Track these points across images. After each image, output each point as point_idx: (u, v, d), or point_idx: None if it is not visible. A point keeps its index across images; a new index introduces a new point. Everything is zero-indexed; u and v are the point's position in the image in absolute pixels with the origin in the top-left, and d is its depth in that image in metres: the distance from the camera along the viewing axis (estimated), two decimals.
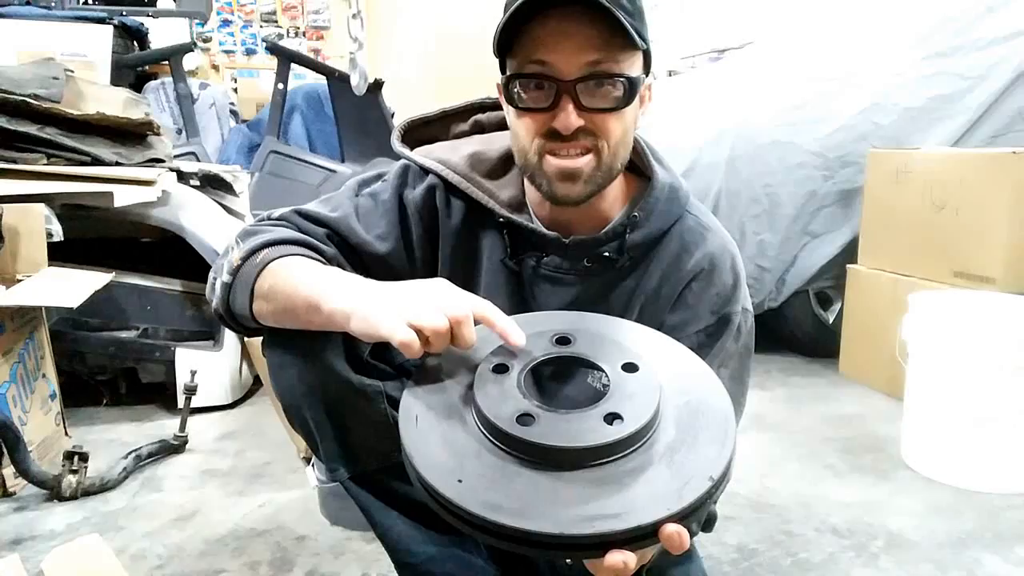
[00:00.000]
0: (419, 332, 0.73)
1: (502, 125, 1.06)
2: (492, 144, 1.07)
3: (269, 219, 1.01)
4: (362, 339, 0.79)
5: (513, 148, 0.98)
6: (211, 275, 0.98)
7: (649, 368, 0.76)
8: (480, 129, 1.12)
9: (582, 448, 0.67)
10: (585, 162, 0.90)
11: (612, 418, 0.70)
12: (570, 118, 0.87)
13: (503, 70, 0.93)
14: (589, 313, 0.89)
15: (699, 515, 0.66)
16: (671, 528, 0.63)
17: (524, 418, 0.70)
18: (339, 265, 0.97)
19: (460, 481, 0.67)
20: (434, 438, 0.71)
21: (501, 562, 1.06)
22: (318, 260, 0.93)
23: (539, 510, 0.64)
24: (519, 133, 0.93)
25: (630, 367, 0.76)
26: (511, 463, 0.68)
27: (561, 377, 0.79)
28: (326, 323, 0.82)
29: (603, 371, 0.76)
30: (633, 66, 0.90)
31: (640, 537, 0.63)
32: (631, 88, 0.89)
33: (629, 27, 0.84)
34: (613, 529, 0.62)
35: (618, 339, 0.82)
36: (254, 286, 0.89)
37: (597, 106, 0.88)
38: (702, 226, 1.03)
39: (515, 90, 0.90)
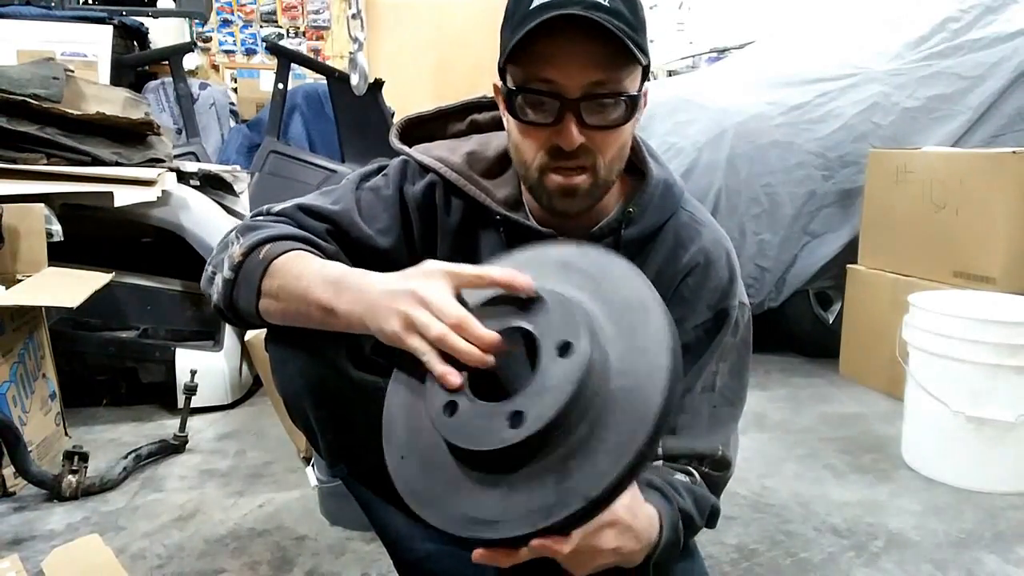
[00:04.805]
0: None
1: (498, 125, 1.07)
2: (489, 143, 1.07)
3: (269, 214, 1.01)
4: (379, 337, 0.79)
5: (513, 157, 0.98)
6: (208, 268, 0.97)
7: (584, 353, 0.68)
8: (476, 129, 1.13)
9: (478, 451, 0.70)
10: (582, 179, 0.91)
11: (516, 416, 0.68)
12: (573, 136, 0.87)
13: (503, 75, 0.92)
14: (594, 253, 0.81)
15: (573, 526, 0.68)
16: (539, 542, 0.67)
17: (450, 405, 0.71)
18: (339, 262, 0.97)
19: (403, 458, 0.71)
20: (400, 416, 0.76)
21: None
22: (319, 258, 0.93)
23: (439, 503, 0.70)
24: (521, 147, 0.93)
25: (566, 348, 0.69)
26: (443, 447, 0.72)
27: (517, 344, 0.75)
28: (344, 328, 0.83)
29: (541, 350, 0.71)
30: (635, 82, 0.90)
31: (513, 545, 0.68)
32: (632, 105, 0.90)
33: (633, 46, 0.84)
34: (485, 537, 0.68)
35: (592, 301, 0.74)
36: (260, 284, 0.89)
37: (599, 123, 0.88)
38: (696, 221, 1.03)
39: (518, 103, 0.90)
